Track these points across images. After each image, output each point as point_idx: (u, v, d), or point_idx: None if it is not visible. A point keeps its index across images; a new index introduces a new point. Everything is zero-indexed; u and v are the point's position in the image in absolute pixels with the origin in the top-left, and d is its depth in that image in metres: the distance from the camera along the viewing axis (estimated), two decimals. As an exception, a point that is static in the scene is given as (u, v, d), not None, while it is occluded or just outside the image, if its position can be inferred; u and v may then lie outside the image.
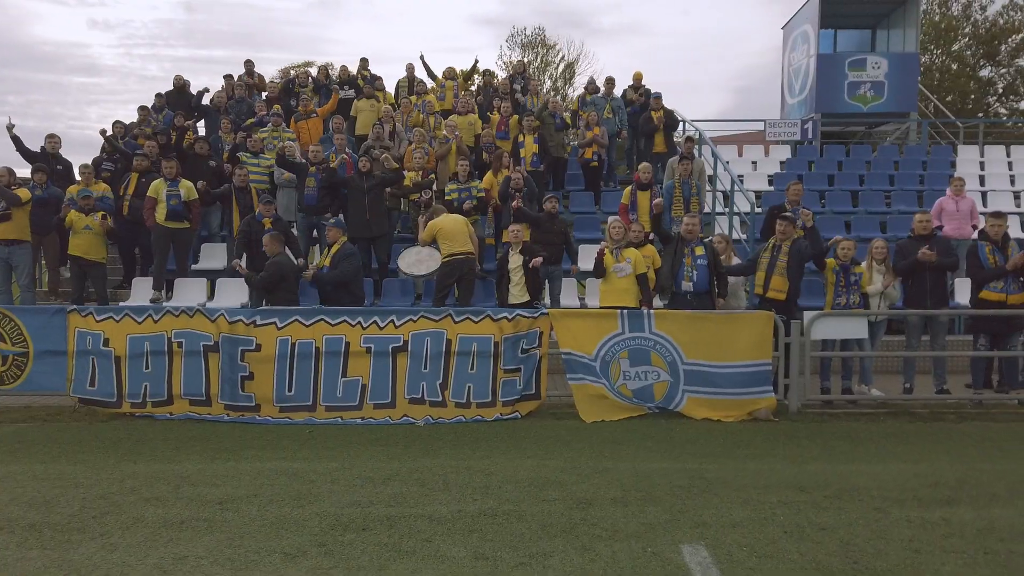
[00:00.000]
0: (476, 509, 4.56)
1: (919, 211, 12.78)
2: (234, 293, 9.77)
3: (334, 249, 8.20)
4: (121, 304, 8.98)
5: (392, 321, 7.13)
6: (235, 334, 7.05)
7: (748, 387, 7.05)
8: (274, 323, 7.09)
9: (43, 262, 10.61)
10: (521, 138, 11.63)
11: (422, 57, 16.14)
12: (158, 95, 13.52)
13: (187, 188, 9.75)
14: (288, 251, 8.32)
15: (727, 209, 11.46)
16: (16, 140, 10.30)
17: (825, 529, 4.25)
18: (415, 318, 7.14)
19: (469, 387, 7.08)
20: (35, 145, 10.83)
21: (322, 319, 7.12)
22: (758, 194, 12.84)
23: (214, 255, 10.56)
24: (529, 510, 4.55)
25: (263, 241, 8.19)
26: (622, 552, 3.94)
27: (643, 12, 59.90)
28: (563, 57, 44.59)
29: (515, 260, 8.18)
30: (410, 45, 65.31)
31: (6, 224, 9.07)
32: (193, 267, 10.42)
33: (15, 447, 5.98)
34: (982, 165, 15.47)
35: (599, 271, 7.72)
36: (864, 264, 7.73)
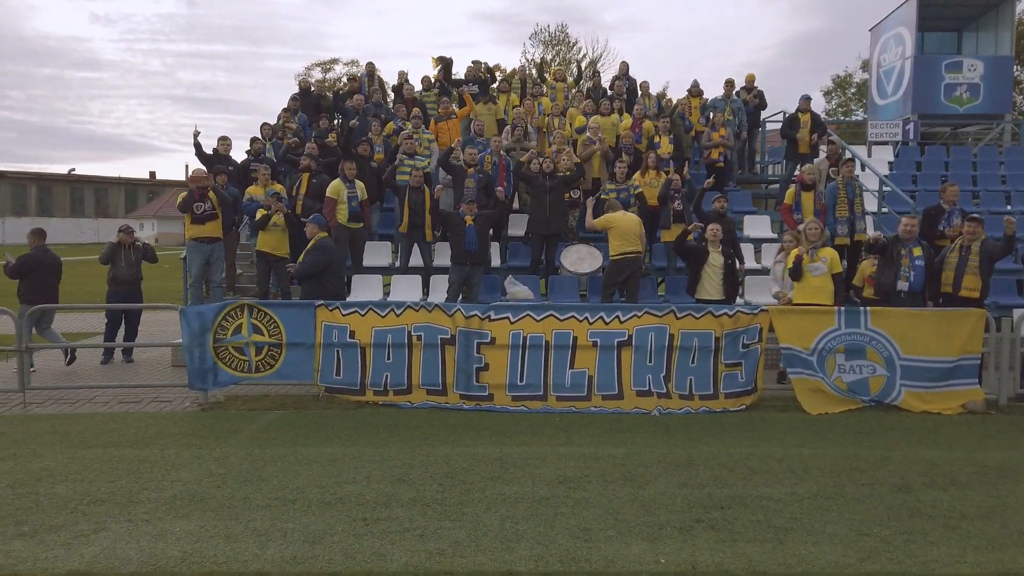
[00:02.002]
0: (807, 491, 4.91)
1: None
2: (407, 288, 10.17)
3: (310, 244, 8.30)
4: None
5: (617, 317, 7.49)
6: (470, 328, 7.44)
7: (961, 380, 7.37)
8: (507, 318, 7.47)
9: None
10: (657, 139, 12.00)
11: (532, 62, 16.42)
12: (293, 97, 13.93)
13: (361, 188, 10.17)
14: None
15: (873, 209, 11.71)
16: (198, 146, 10.76)
17: None
18: (639, 314, 7.50)
19: (690, 380, 7.43)
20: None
21: (551, 314, 7.50)
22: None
23: (378, 253, 10.95)
24: (855, 493, 4.89)
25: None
26: (990, 530, 4.28)
27: (646, 9, 60.57)
28: (585, 55, 44.83)
29: (716, 258, 8.48)
30: (412, 41, 65.84)
31: (213, 223, 9.51)
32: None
33: (305, 432, 6.35)
34: (1088, 166, 15.63)
35: (797, 273, 8.04)
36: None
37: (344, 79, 51.09)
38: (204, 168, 9.95)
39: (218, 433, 6.31)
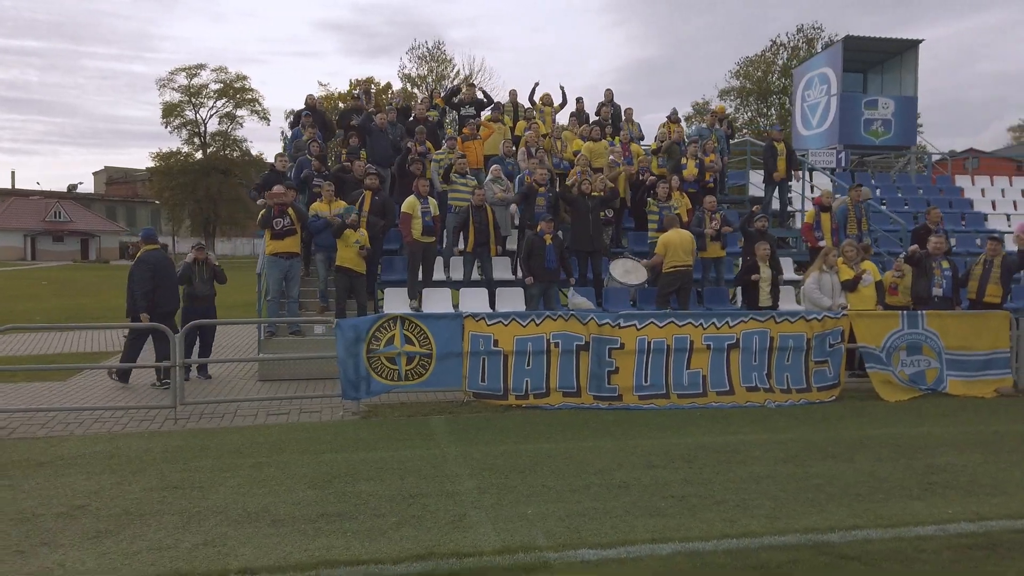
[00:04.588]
0: (983, 459, 6.02)
1: (979, 231, 15.52)
2: (475, 302, 10.64)
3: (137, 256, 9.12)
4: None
5: (727, 322, 8.47)
6: (603, 335, 8.15)
7: (992, 370, 8.96)
8: (634, 325, 8.24)
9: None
10: (684, 160, 13.21)
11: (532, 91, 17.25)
12: (305, 114, 13.90)
13: (434, 205, 10.58)
14: None
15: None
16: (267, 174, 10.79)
17: None
18: (746, 319, 8.51)
19: (787, 376, 8.52)
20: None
21: (672, 321, 8.36)
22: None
23: (438, 267, 11.33)
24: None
25: None
26: None
27: (495, 28, 63.31)
28: (458, 71, 46.17)
29: (766, 272, 9.65)
30: (255, 47, 64.78)
31: (292, 238, 9.59)
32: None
33: (496, 432, 6.79)
34: (983, 192, 18.51)
35: (853, 286, 9.35)
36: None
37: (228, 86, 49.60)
38: (281, 185, 9.98)
39: (413, 435, 6.66)
